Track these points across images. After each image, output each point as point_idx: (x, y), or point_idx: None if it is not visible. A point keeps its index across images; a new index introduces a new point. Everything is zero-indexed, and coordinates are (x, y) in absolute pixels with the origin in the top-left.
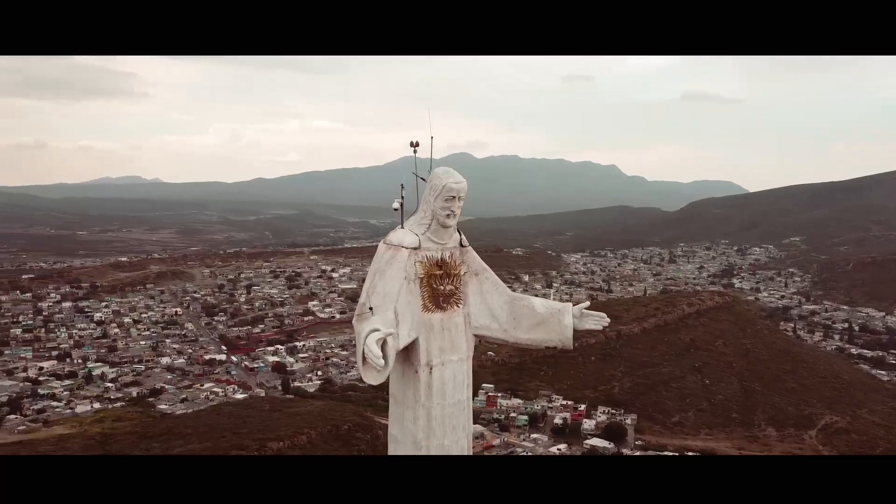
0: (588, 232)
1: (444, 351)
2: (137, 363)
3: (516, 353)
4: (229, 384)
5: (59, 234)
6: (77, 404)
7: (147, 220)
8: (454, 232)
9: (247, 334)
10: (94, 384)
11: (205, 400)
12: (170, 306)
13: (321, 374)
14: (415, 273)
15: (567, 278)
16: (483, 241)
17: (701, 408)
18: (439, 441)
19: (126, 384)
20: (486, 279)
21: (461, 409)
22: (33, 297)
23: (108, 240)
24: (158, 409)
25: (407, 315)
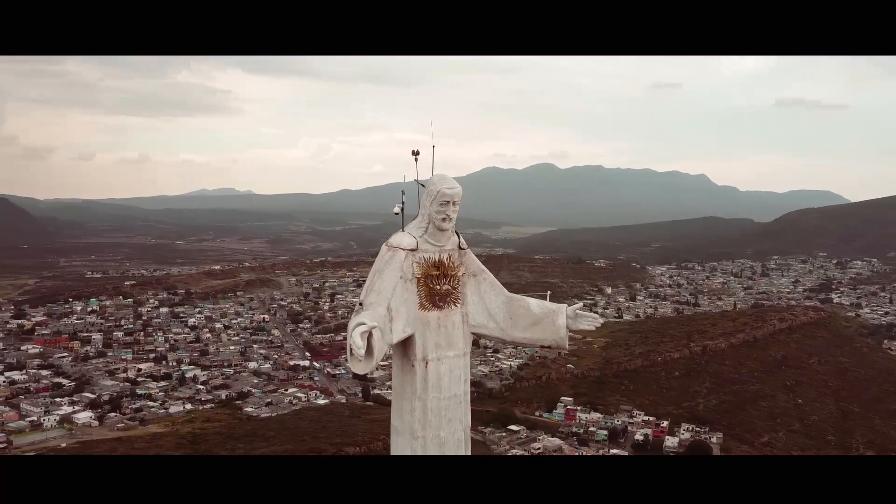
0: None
1: (440, 347)
2: (227, 367)
3: (596, 366)
4: (312, 390)
5: (160, 244)
6: (171, 405)
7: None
8: (452, 235)
9: (330, 341)
10: (186, 386)
11: (288, 404)
12: (258, 313)
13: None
14: (412, 273)
15: (651, 291)
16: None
17: (792, 428)
18: (435, 432)
19: (216, 387)
20: (483, 280)
21: (458, 402)
22: (134, 302)
23: (202, 249)
24: (245, 412)
25: (402, 312)
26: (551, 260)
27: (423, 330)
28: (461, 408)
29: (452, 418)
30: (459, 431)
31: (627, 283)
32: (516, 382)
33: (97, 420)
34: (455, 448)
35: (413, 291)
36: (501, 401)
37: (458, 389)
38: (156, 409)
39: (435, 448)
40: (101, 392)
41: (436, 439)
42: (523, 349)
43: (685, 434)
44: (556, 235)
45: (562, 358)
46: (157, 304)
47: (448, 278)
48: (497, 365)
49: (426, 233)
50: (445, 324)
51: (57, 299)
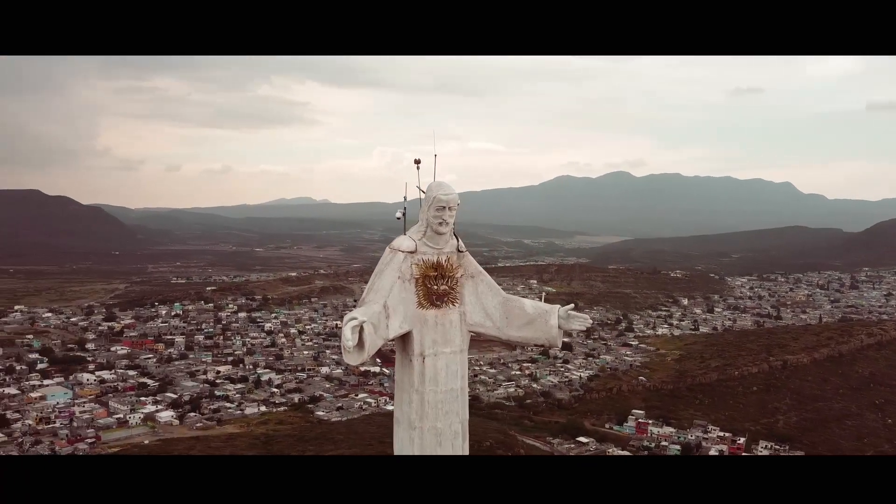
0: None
1: (437, 343)
2: (300, 371)
3: (670, 379)
4: (382, 395)
5: (240, 251)
6: (246, 406)
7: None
8: (450, 238)
9: None
10: (261, 389)
11: (358, 409)
12: (331, 319)
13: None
14: (410, 273)
15: (730, 303)
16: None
17: (882, 450)
18: (432, 423)
19: (289, 390)
20: (481, 281)
21: (454, 396)
22: (214, 307)
23: (280, 256)
24: (316, 415)
25: (399, 309)
26: (625, 270)
27: (420, 327)
28: (458, 402)
29: (449, 411)
30: (456, 424)
31: (705, 295)
32: (586, 394)
33: (178, 419)
34: (452, 439)
35: (411, 291)
36: (570, 412)
37: (455, 384)
38: (232, 410)
39: (432, 439)
40: (183, 392)
41: (433, 430)
42: (593, 360)
43: (763, 451)
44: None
45: (633, 370)
46: (236, 309)
47: (446, 279)
48: (567, 375)
49: (425, 236)
50: (443, 322)
51: (144, 303)
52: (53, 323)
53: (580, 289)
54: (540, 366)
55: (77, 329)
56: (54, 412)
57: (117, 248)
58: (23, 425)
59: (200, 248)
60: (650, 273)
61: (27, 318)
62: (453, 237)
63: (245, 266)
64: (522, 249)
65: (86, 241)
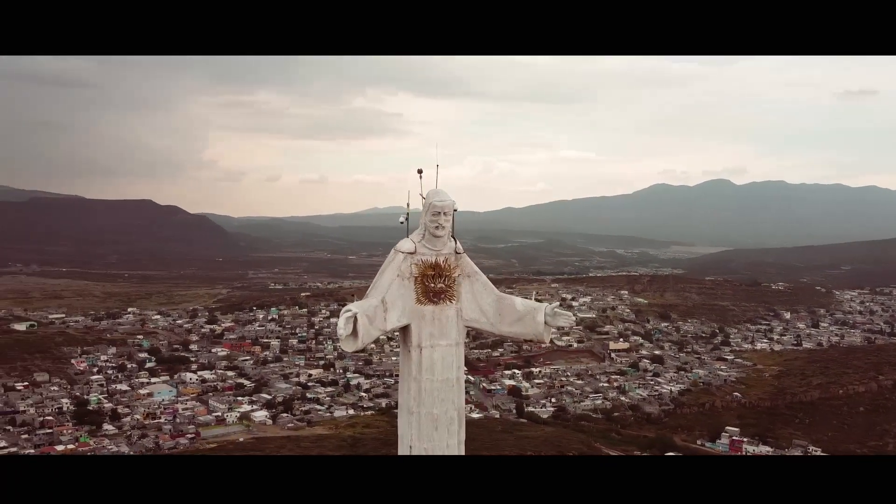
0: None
1: (434, 336)
2: (388, 377)
3: (767, 396)
4: (467, 403)
5: (334, 258)
6: (335, 409)
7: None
8: (448, 241)
9: (486, 357)
10: (350, 393)
11: None
12: None
13: (555, 402)
14: (409, 272)
15: (838, 317)
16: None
17: None
18: (428, 409)
19: (377, 395)
20: (477, 281)
21: (450, 385)
22: (308, 312)
23: (372, 264)
24: None
25: (398, 304)
26: (723, 282)
27: (418, 321)
28: (453, 390)
29: (445, 399)
30: (452, 411)
31: (810, 309)
32: (677, 408)
33: (271, 419)
34: (447, 425)
35: (410, 288)
36: (660, 426)
37: (451, 374)
38: (322, 413)
39: (429, 423)
40: (276, 394)
41: (429, 416)
42: (685, 374)
43: None
44: (731, 256)
45: (728, 385)
46: (329, 315)
47: (443, 278)
48: (656, 389)
49: (424, 239)
50: (440, 317)
51: (243, 307)
52: (161, 325)
53: (673, 300)
54: (629, 378)
55: (182, 331)
56: (160, 408)
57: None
58: (132, 420)
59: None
60: (750, 285)
61: (138, 319)
62: (451, 240)
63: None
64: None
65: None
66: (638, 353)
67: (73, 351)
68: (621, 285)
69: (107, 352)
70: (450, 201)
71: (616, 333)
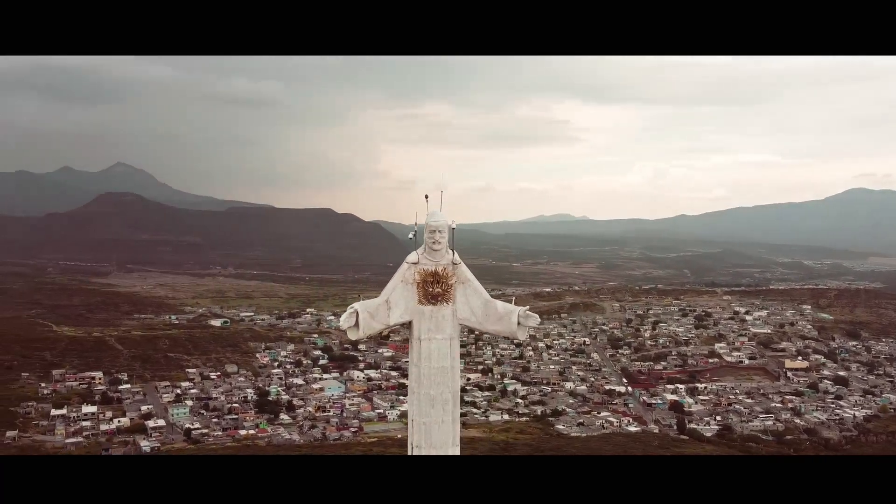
0: None
1: (431, 331)
2: (545, 385)
3: None
4: (625, 416)
5: (499, 266)
6: (491, 413)
7: (572, 254)
8: (445, 253)
9: (648, 370)
10: (507, 398)
11: (599, 427)
12: (579, 336)
13: (720, 420)
14: (412, 279)
15: None
16: None
17: None
18: (427, 391)
19: (533, 402)
20: (469, 287)
21: (444, 371)
22: None
23: (536, 272)
24: (556, 429)
25: (401, 304)
26: None
27: (419, 318)
28: (448, 376)
29: (440, 382)
30: (446, 393)
31: None
32: (861, 435)
33: None
34: (442, 404)
35: (413, 291)
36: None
37: (445, 363)
38: (478, 416)
39: (427, 402)
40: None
41: (427, 396)
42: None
43: None
44: None
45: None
46: None
47: (440, 284)
48: (837, 412)
49: (425, 251)
50: (437, 315)
51: None
52: (335, 325)
53: (865, 317)
54: (806, 399)
55: None
56: (329, 402)
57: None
58: (304, 411)
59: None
60: None
61: (315, 319)
62: (450, 252)
63: (503, 280)
64: (801, 271)
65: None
66: (819, 374)
67: (258, 346)
68: (804, 299)
69: (286, 348)
70: (443, 222)
71: (794, 351)
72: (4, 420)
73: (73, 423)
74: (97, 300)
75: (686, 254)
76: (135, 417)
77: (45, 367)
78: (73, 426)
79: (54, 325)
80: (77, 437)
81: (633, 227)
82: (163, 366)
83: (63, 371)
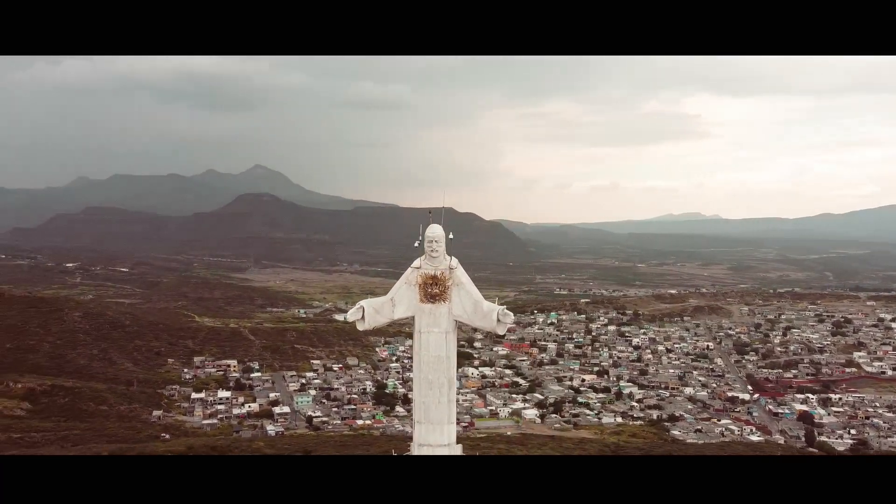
0: None
1: (430, 325)
2: (663, 389)
3: None
4: (747, 425)
5: (622, 266)
6: (604, 415)
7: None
8: (444, 260)
9: (776, 377)
10: (622, 401)
11: (717, 435)
12: (702, 340)
13: (855, 434)
14: (415, 281)
15: None
16: None
17: None
18: (425, 375)
19: (649, 406)
20: (463, 288)
21: (440, 360)
22: (586, 318)
23: (661, 273)
24: (671, 434)
25: (404, 302)
26: None
27: (420, 314)
28: (443, 364)
29: (437, 369)
30: (442, 378)
31: None
32: None
33: (540, 418)
34: (438, 387)
35: (415, 292)
36: None
37: (441, 352)
38: (590, 417)
39: (426, 385)
40: (548, 395)
41: (426, 380)
42: None
43: None
44: None
45: None
46: (607, 322)
47: (438, 285)
48: None
49: (425, 258)
50: (434, 312)
51: (525, 310)
52: None
53: None
54: None
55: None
56: None
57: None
58: None
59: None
60: None
61: None
62: (447, 258)
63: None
64: None
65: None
66: None
67: (378, 341)
68: None
69: (404, 343)
70: (439, 234)
71: None
72: (152, 401)
73: (209, 405)
74: (235, 294)
75: (829, 255)
76: (263, 403)
77: (188, 355)
78: (209, 409)
79: (196, 316)
80: (212, 419)
81: (769, 226)
82: (290, 356)
83: (203, 358)
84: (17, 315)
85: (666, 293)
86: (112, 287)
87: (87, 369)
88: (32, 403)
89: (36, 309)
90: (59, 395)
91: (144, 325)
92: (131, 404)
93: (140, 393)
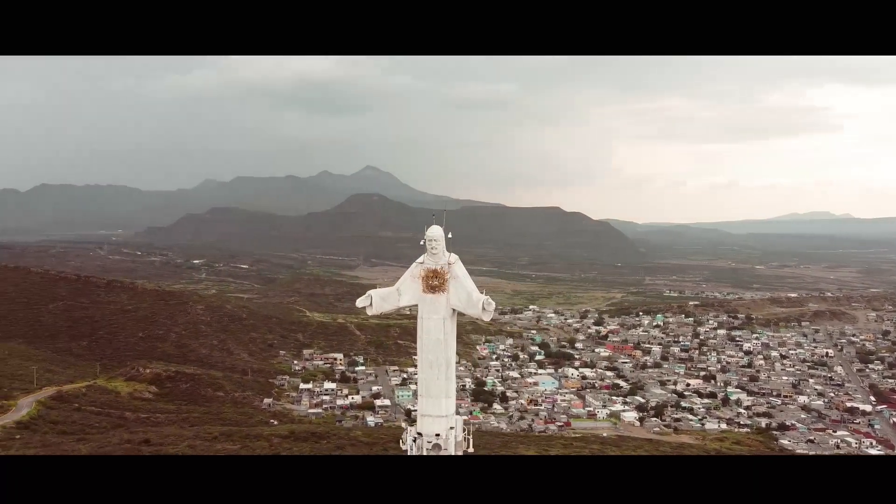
0: None
1: (430, 311)
2: (774, 396)
3: None
4: (867, 437)
5: (739, 268)
6: (707, 421)
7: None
8: (443, 256)
9: None
10: (728, 407)
11: (832, 447)
12: (821, 346)
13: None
14: (418, 274)
15: None
16: None
17: None
18: (426, 356)
19: (758, 414)
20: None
21: (439, 342)
22: (694, 321)
23: (781, 275)
24: (779, 444)
25: (408, 292)
26: None
27: (422, 303)
28: (441, 346)
29: (435, 350)
30: (441, 359)
31: None
32: None
33: (639, 421)
34: (437, 367)
35: (418, 283)
36: None
37: (440, 336)
38: (693, 423)
39: (427, 365)
40: (650, 398)
41: (427, 360)
42: None
43: None
44: None
45: None
46: (716, 326)
47: (438, 278)
48: None
49: (427, 255)
50: (434, 301)
51: (630, 312)
52: (554, 322)
53: None
54: None
55: (571, 329)
56: (542, 397)
57: (621, 260)
58: (517, 403)
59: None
60: None
61: (535, 316)
62: (446, 254)
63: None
64: None
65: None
66: None
67: (479, 339)
68: None
69: (505, 342)
70: (438, 234)
71: None
72: (264, 389)
73: (315, 396)
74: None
75: None
76: (366, 396)
77: (298, 347)
78: (315, 399)
79: (307, 311)
80: (318, 408)
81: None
82: (393, 352)
83: (311, 351)
84: (148, 307)
85: (784, 297)
86: (233, 283)
87: (207, 358)
88: (158, 387)
89: (164, 302)
90: (181, 380)
91: (259, 319)
92: (245, 392)
93: (253, 381)
